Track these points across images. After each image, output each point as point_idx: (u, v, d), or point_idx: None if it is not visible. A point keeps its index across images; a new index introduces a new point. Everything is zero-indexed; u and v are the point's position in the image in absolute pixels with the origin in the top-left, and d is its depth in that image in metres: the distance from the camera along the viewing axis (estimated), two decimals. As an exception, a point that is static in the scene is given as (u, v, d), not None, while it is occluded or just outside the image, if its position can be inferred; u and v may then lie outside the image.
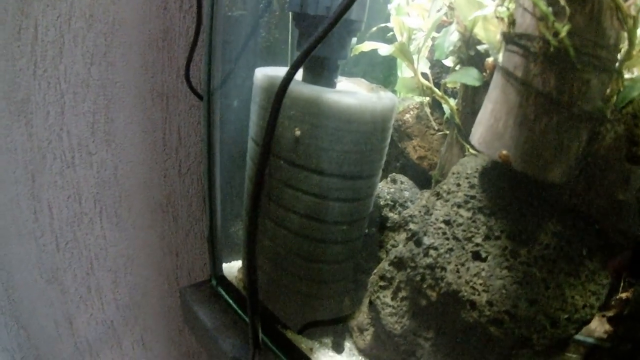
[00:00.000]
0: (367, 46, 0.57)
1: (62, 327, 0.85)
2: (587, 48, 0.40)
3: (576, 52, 0.39)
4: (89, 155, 0.77)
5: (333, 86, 0.55)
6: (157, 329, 0.93)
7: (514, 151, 0.43)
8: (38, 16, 0.69)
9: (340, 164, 0.51)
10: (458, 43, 0.53)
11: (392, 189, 0.58)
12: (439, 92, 0.57)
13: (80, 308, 0.85)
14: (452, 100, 0.58)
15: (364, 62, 0.65)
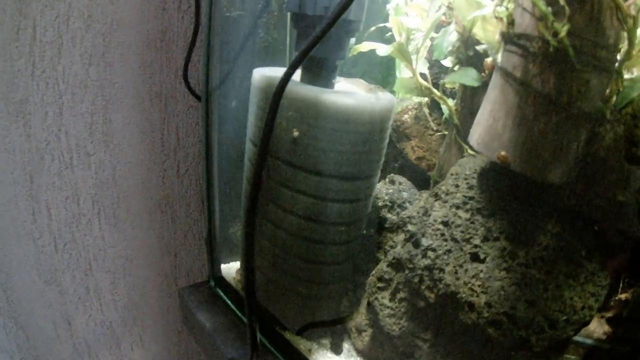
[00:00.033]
0: (366, 46, 0.57)
1: (61, 328, 0.85)
2: (587, 48, 0.39)
3: (575, 52, 0.39)
4: (87, 156, 0.77)
5: (331, 87, 0.55)
6: (156, 330, 0.93)
7: (513, 152, 0.42)
8: (36, 16, 0.69)
9: (338, 165, 0.51)
10: (457, 43, 0.53)
11: (391, 190, 0.58)
12: (438, 93, 0.57)
13: (78, 309, 0.85)
14: (451, 100, 0.58)
15: (363, 62, 0.65)
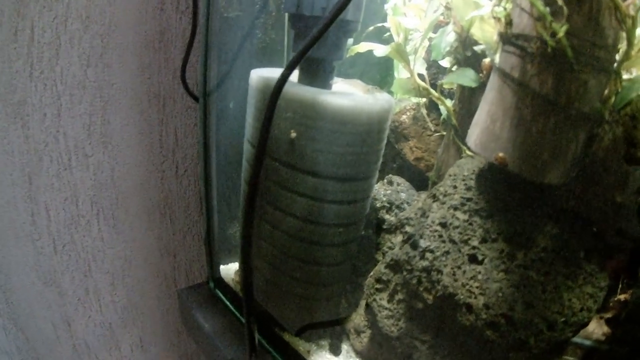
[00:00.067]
0: (363, 47, 0.56)
1: (61, 330, 0.85)
2: (585, 48, 0.39)
3: (574, 53, 0.39)
4: (86, 157, 0.77)
5: (329, 88, 0.55)
6: (156, 331, 0.93)
7: (511, 153, 0.42)
8: (34, 18, 0.69)
9: (336, 166, 0.51)
10: (454, 44, 0.52)
11: (389, 191, 0.58)
12: (436, 93, 0.57)
13: (78, 310, 0.85)
14: (449, 101, 0.58)
15: (361, 63, 0.64)
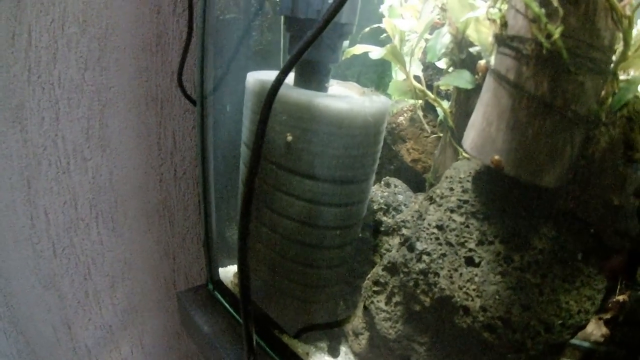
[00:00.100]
0: (359, 49, 0.56)
1: (61, 332, 0.85)
2: (581, 50, 0.39)
3: (570, 54, 0.38)
4: (84, 160, 0.77)
5: (324, 90, 0.55)
6: (156, 333, 0.93)
7: (507, 156, 0.42)
8: (31, 22, 0.69)
9: (332, 169, 0.51)
10: (450, 45, 0.52)
11: (386, 193, 0.58)
12: (432, 95, 0.57)
13: (78, 313, 0.85)
14: (446, 102, 0.57)
15: (358, 64, 0.64)
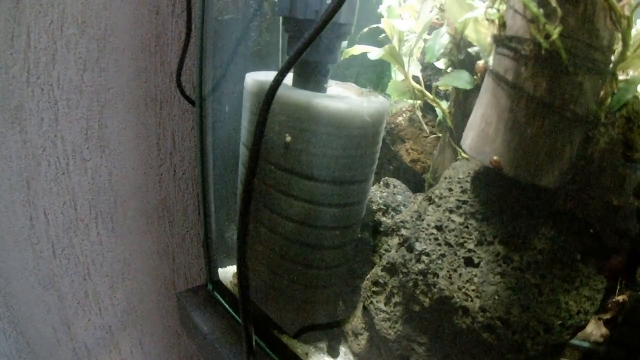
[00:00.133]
0: (357, 50, 0.56)
1: (61, 333, 0.85)
2: (580, 50, 0.39)
3: (568, 55, 0.38)
4: (84, 161, 0.77)
5: (323, 91, 0.55)
6: (156, 333, 0.93)
7: (506, 156, 0.42)
8: (30, 23, 0.69)
9: (331, 170, 0.51)
10: (449, 45, 0.52)
11: (385, 193, 0.58)
12: (430, 96, 0.57)
13: (78, 313, 0.85)
14: (445, 102, 0.57)
15: (357, 64, 0.64)
